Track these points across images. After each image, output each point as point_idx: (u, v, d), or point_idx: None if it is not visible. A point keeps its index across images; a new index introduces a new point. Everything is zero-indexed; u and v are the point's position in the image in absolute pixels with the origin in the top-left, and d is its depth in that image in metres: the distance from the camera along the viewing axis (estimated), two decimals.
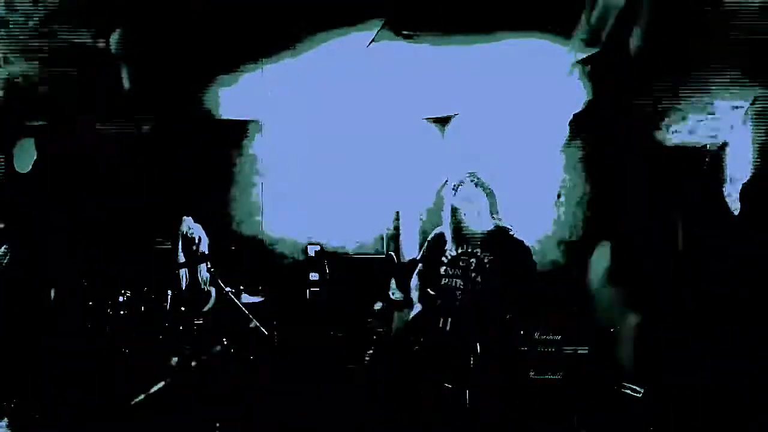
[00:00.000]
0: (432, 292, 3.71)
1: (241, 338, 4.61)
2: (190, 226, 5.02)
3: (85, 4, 3.34)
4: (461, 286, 3.60)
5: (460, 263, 3.64)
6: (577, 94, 4.49)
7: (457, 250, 3.68)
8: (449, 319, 3.54)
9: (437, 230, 3.85)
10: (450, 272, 3.66)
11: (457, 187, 3.68)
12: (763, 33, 3.39)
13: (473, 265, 3.59)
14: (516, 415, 3.65)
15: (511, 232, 3.60)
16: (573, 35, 3.92)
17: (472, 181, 3.67)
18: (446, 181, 3.78)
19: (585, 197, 4.53)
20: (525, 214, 4.74)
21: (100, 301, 4.46)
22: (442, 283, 3.66)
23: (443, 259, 3.71)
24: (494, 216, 3.67)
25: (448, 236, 3.73)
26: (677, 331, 3.80)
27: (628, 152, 4.19)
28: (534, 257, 3.72)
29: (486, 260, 3.57)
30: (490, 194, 3.70)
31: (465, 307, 3.55)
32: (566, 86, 4.54)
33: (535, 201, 4.90)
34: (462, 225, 3.66)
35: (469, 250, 3.64)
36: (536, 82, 4.83)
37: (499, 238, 3.59)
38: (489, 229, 3.63)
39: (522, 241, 3.59)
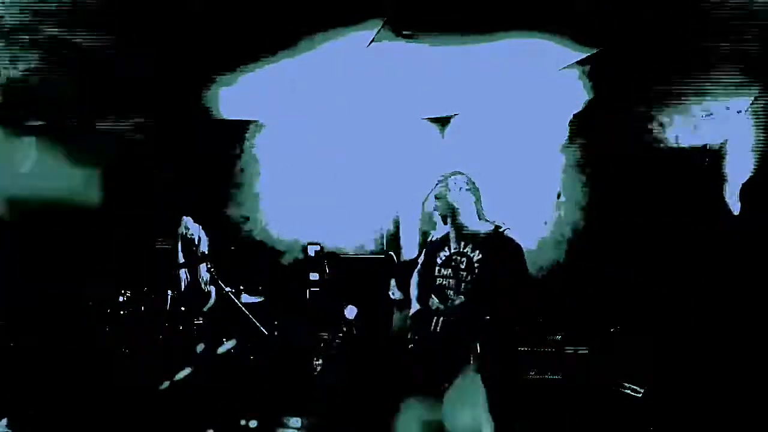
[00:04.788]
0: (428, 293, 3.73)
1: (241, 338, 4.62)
2: (189, 226, 5.03)
3: (84, 3, 3.34)
4: (453, 286, 3.61)
5: (452, 263, 3.65)
6: (577, 94, 4.49)
7: (450, 250, 3.70)
8: (440, 320, 3.56)
9: (436, 233, 3.86)
10: (443, 272, 3.67)
11: (445, 189, 3.70)
12: (763, 33, 3.39)
13: (464, 264, 3.60)
14: (514, 415, 3.65)
15: (501, 230, 3.59)
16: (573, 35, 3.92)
17: (456, 182, 3.69)
18: (438, 181, 3.78)
19: (585, 197, 4.53)
20: (525, 214, 4.74)
21: (100, 301, 4.46)
22: (436, 283, 3.68)
23: (437, 260, 3.73)
24: (481, 217, 3.68)
25: (437, 236, 3.78)
26: (677, 332, 3.80)
27: (628, 152, 4.19)
28: (532, 257, 3.72)
29: (475, 259, 3.57)
30: (476, 195, 3.71)
31: (456, 306, 3.56)
32: (566, 86, 4.54)
33: (535, 201, 4.90)
34: (458, 226, 3.67)
35: (462, 250, 3.65)
36: (536, 83, 4.83)
37: (491, 237, 3.58)
38: (482, 227, 3.64)
39: (512, 239, 3.58)
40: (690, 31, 3.63)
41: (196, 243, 5.01)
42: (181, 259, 4.93)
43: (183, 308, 4.61)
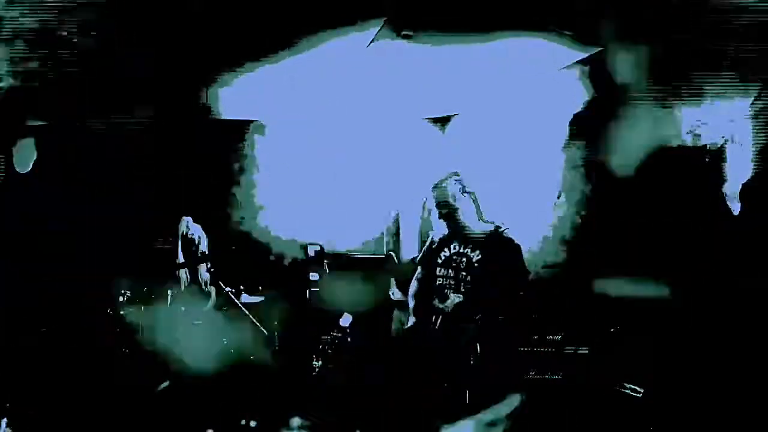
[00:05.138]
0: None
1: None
2: (189, 226, 5.03)
3: (85, 3, 3.34)
4: (452, 285, 3.63)
5: (453, 263, 3.67)
6: (577, 94, 4.49)
7: (450, 250, 3.71)
8: (440, 318, 3.58)
9: (433, 234, 3.87)
10: (443, 272, 3.68)
11: (443, 190, 3.71)
12: (763, 33, 3.39)
13: (464, 264, 3.62)
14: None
15: (501, 230, 3.61)
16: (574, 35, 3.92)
17: (456, 182, 3.70)
18: (436, 184, 3.79)
19: (585, 197, 4.53)
20: (525, 214, 4.74)
21: (100, 301, 4.46)
22: (437, 283, 3.69)
23: (438, 260, 3.74)
24: (480, 217, 3.69)
25: (436, 237, 3.79)
26: (677, 332, 3.80)
27: (628, 152, 4.19)
28: (532, 257, 3.73)
29: (475, 259, 3.59)
30: (473, 196, 3.72)
31: (456, 306, 3.57)
32: (566, 86, 4.54)
33: (535, 201, 4.90)
34: (458, 226, 3.68)
35: (461, 250, 3.66)
36: (536, 82, 4.83)
37: (491, 237, 3.60)
38: (482, 228, 3.65)
39: (512, 240, 3.60)
40: (690, 31, 3.63)
41: (196, 243, 5.01)
42: (181, 259, 4.93)
43: (183, 308, 4.61)
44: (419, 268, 3.87)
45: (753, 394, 3.38)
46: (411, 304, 3.84)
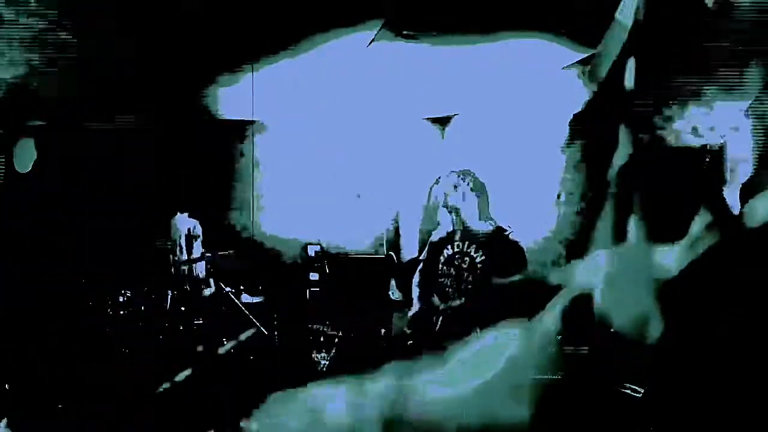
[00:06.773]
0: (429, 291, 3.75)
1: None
2: (188, 224, 5.04)
3: (85, 3, 3.34)
4: (454, 285, 3.63)
5: (455, 262, 3.67)
6: (577, 94, 4.49)
7: (453, 249, 3.70)
8: (440, 318, 3.58)
9: (439, 231, 3.87)
10: (445, 271, 3.69)
11: (453, 187, 3.71)
12: (763, 32, 3.39)
13: (466, 264, 3.62)
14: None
15: (506, 233, 3.61)
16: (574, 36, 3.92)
17: (464, 181, 3.70)
18: (438, 179, 3.79)
19: (585, 197, 4.53)
20: (525, 214, 4.74)
21: (100, 301, 4.46)
22: (438, 282, 3.70)
23: (440, 258, 3.74)
24: (485, 217, 3.69)
25: (440, 235, 3.78)
26: (677, 332, 3.79)
27: (628, 152, 4.19)
28: (532, 256, 3.73)
29: (478, 260, 3.59)
30: (482, 194, 3.72)
31: (456, 306, 3.58)
32: (566, 86, 4.54)
33: (535, 201, 4.90)
34: (463, 225, 3.68)
35: (464, 250, 3.66)
36: (536, 82, 4.83)
37: (495, 239, 3.60)
38: (486, 229, 3.65)
39: (516, 242, 3.60)
40: (690, 30, 3.63)
41: (198, 237, 5.03)
42: (184, 257, 4.95)
43: (183, 308, 4.62)
44: (421, 265, 3.87)
45: (754, 394, 3.37)
46: (416, 292, 3.84)
